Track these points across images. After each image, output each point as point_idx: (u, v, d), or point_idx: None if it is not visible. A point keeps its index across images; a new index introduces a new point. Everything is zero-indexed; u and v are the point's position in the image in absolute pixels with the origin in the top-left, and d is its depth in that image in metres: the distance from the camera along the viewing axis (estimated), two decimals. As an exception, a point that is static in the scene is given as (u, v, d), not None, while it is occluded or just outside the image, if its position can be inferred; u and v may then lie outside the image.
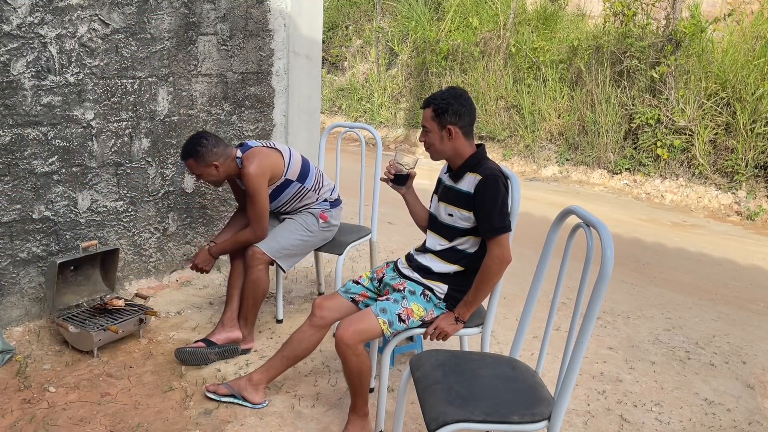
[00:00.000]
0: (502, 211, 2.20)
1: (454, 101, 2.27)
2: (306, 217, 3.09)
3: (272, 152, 2.96)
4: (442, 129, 2.30)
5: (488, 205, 2.20)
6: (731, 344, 3.50)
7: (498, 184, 2.21)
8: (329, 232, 3.17)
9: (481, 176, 2.23)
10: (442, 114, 2.28)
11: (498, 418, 1.76)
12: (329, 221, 3.14)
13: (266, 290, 3.00)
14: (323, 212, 3.11)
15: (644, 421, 2.68)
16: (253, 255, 2.93)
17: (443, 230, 2.36)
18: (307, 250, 3.14)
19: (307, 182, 3.07)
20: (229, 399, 2.57)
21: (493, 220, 2.20)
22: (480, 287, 2.25)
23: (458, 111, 2.28)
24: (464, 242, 2.32)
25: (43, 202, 3.04)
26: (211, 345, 2.91)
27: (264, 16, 3.87)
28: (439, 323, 2.29)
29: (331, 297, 2.50)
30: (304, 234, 3.06)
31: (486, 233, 2.22)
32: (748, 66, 6.73)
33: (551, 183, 7.67)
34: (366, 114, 10.43)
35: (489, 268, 2.22)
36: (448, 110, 2.27)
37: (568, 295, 3.71)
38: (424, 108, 2.34)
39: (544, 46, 8.38)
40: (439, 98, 2.29)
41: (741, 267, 4.99)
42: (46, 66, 2.92)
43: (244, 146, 2.96)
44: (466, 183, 2.29)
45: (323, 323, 2.45)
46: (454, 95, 2.29)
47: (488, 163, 2.30)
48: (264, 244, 2.96)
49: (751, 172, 6.62)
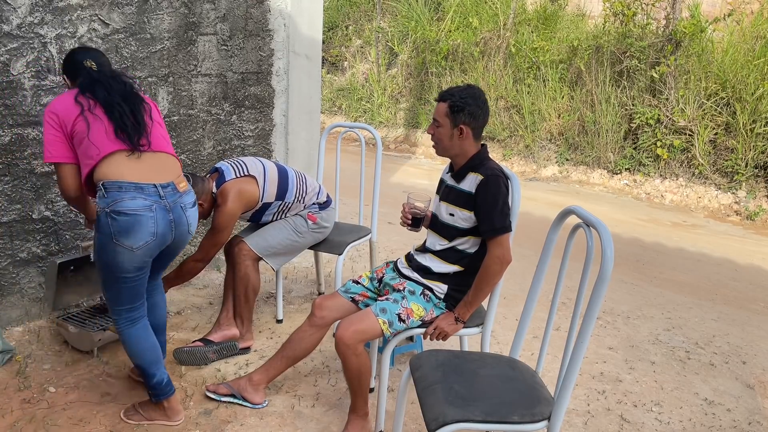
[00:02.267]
0: (503, 211, 2.20)
1: (472, 101, 2.24)
2: (295, 219, 3.09)
3: (246, 183, 2.90)
4: (455, 127, 2.27)
5: (489, 205, 2.20)
6: (731, 344, 3.50)
7: (499, 184, 2.21)
8: (320, 233, 3.16)
9: (483, 176, 2.23)
10: (457, 112, 2.25)
11: (498, 418, 1.76)
12: (319, 222, 3.12)
13: (256, 286, 2.99)
14: (312, 214, 3.10)
15: (644, 421, 2.68)
16: (240, 251, 2.94)
17: (443, 230, 2.36)
18: (296, 250, 3.14)
19: (288, 197, 3.04)
20: (229, 399, 2.57)
21: (493, 220, 2.19)
22: (480, 287, 2.25)
23: (474, 112, 2.25)
24: (464, 242, 2.32)
25: (43, 202, 3.04)
26: (209, 343, 2.91)
27: (264, 16, 3.87)
28: (439, 323, 2.29)
29: (331, 297, 2.50)
30: (293, 235, 3.06)
31: (486, 233, 2.22)
32: (748, 66, 6.73)
33: (551, 183, 7.67)
34: (366, 114, 10.43)
35: (489, 268, 2.22)
36: (465, 109, 2.24)
37: (568, 295, 3.71)
38: (439, 101, 2.30)
39: (544, 46, 8.38)
40: (457, 95, 2.25)
41: (741, 267, 5.00)
42: (46, 66, 2.92)
43: (219, 178, 2.90)
44: (467, 183, 2.29)
45: (323, 323, 2.45)
46: (472, 95, 2.26)
47: (490, 163, 2.30)
48: (251, 241, 2.97)
49: (751, 172, 6.62)
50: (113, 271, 2.20)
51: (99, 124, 2.20)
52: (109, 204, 2.11)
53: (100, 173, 2.17)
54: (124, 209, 2.11)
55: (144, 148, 2.25)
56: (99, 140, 2.19)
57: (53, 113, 2.20)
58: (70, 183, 2.25)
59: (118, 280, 2.22)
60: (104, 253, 2.17)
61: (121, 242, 2.13)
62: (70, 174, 2.24)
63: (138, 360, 2.33)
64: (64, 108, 2.21)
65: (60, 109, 2.21)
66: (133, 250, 2.16)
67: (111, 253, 2.16)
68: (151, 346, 2.35)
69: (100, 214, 2.14)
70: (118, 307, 2.29)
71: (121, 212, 2.11)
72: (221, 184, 2.88)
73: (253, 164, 2.98)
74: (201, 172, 3.73)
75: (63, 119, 2.20)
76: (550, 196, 6.90)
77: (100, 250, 2.19)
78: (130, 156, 2.21)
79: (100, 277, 2.26)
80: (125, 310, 2.30)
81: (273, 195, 3.00)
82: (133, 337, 2.31)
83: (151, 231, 2.16)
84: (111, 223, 2.11)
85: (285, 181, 3.04)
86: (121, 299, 2.28)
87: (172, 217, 2.23)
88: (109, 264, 2.19)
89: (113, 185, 2.13)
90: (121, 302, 2.28)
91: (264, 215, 3.06)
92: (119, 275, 2.21)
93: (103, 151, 2.17)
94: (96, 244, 2.19)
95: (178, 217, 2.26)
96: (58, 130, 2.20)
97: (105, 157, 2.17)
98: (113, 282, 2.23)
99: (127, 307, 2.30)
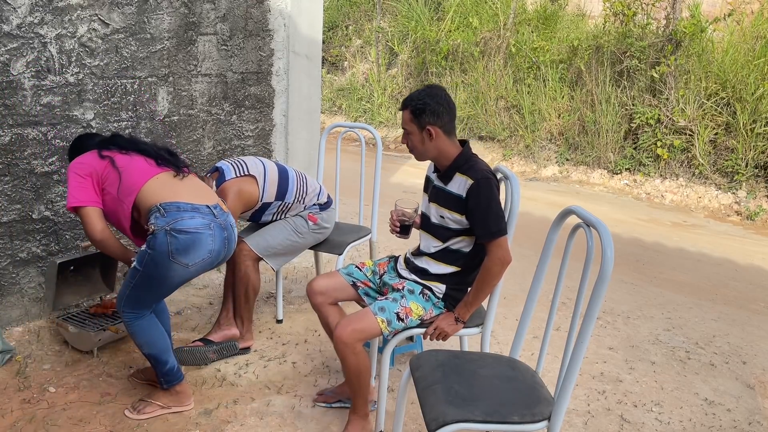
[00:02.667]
0: (497, 214, 2.18)
1: (431, 100, 2.22)
2: (296, 219, 3.09)
3: (245, 183, 2.92)
4: (422, 130, 2.26)
5: (483, 211, 2.18)
6: (731, 344, 3.50)
7: (491, 187, 2.19)
8: (320, 233, 3.16)
9: (473, 179, 2.20)
10: (420, 115, 2.24)
11: (498, 418, 1.76)
12: (319, 223, 3.12)
13: (257, 286, 3.00)
14: (312, 214, 3.10)
15: (644, 421, 2.68)
16: (240, 251, 2.93)
17: (436, 231, 2.35)
18: (297, 250, 3.14)
19: (288, 197, 3.04)
20: (338, 404, 2.60)
21: (489, 225, 2.18)
22: (481, 288, 2.24)
23: (436, 110, 2.23)
24: (458, 242, 2.31)
25: (43, 202, 3.04)
26: (209, 343, 2.91)
27: (264, 16, 3.87)
28: (439, 323, 2.29)
29: (327, 277, 2.51)
30: (293, 235, 3.06)
31: (484, 238, 2.21)
32: (748, 66, 6.73)
33: (551, 183, 7.67)
34: (366, 114, 10.43)
35: (491, 270, 2.21)
36: (426, 110, 2.23)
37: (568, 295, 3.71)
38: (402, 110, 2.30)
39: (544, 46, 8.38)
40: (416, 99, 2.24)
41: (741, 267, 4.99)
42: (46, 66, 2.92)
43: (219, 177, 2.91)
44: (456, 185, 2.26)
45: (327, 302, 2.49)
46: (430, 94, 2.24)
47: (477, 163, 2.27)
48: (251, 241, 2.97)
49: (751, 172, 6.62)
50: (158, 284, 2.31)
51: (138, 158, 2.38)
52: (169, 222, 2.22)
53: (151, 197, 2.29)
54: (185, 228, 2.23)
55: (186, 172, 2.43)
56: (142, 167, 2.35)
57: (79, 164, 2.34)
58: (96, 224, 2.33)
59: (154, 290, 2.33)
60: (155, 267, 2.26)
61: (177, 259, 2.23)
62: (95, 216, 2.33)
63: (150, 349, 2.39)
64: (92, 160, 2.36)
65: (87, 160, 2.35)
66: (188, 267, 2.27)
67: (163, 269, 2.26)
68: (161, 333, 2.42)
69: (158, 233, 2.21)
70: (135, 309, 2.36)
71: (182, 230, 2.22)
72: (221, 183, 2.88)
73: (253, 164, 2.98)
74: (201, 172, 3.73)
75: (93, 167, 2.33)
76: (550, 196, 6.90)
77: (150, 265, 2.26)
78: (176, 178, 2.37)
79: (134, 282, 2.30)
80: (139, 309, 2.37)
81: (273, 195, 3.00)
82: (143, 327, 2.37)
83: (209, 248, 2.29)
84: (171, 241, 2.21)
85: (285, 182, 3.04)
86: (144, 304, 2.36)
87: (227, 235, 2.37)
88: (155, 277, 2.28)
89: (171, 206, 2.25)
90: (141, 306, 2.36)
91: (264, 215, 3.06)
92: (161, 289, 2.33)
93: (150, 174, 2.32)
94: (146, 259, 2.25)
95: (230, 234, 2.40)
96: (86, 177, 2.32)
97: (151, 180, 2.31)
98: (147, 290, 2.32)
99: (143, 311, 2.38)
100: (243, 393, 2.68)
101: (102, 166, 2.34)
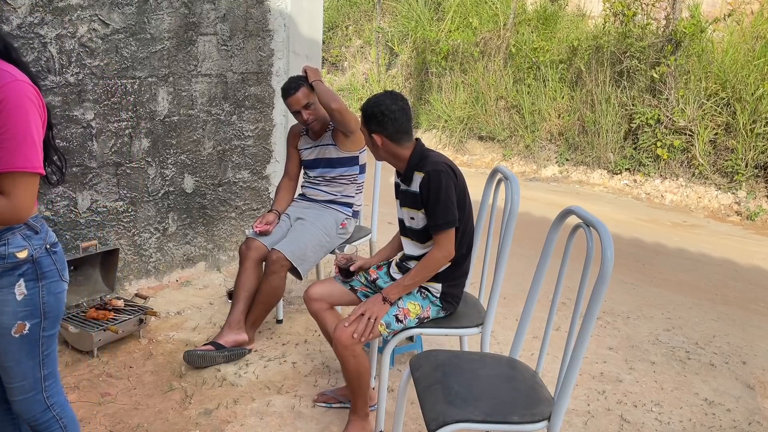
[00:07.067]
0: (446, 205, 2.16)
1: (376, 109, 2.21)
2: (327, 220, 3.11)
3: None
4: (370, 136, 2.28)
5: (432, 201, 2.17)
6: (731, 344, 3.50)
7: (440, 179, 2.16)
8: (341, 238, 3.20)
9: (424, 173, 2.19)
10: (366, 123, 2.26)
11: (498, 418, 1.76)
12: (346, 228, 3.19)
13: (281, 297, 3.03)
14: (344, 221, 3.17)
15: (644, 421, 2.68)
16: (276, 261, 2.91)
17: (414, 235, 2.35)
18: (322, 254, 3.13)
19: (360, 178, 3.23)
20: (339, 405, 2.60)
21: (437, 216, 2.17)
22: (420, 274, 2.24)
23: (381, 121, 2.22)
24: None
25: (43, 202, 3.04)
26: (220, 348, 2.90)
27: (264, 16, 3.87)
28: (369, 306, 2.23)
29: (323, 284, 2.51)
30: (323, 237, 3.07)
31: (432, 229, 2.21)
32: (748, 66, 6.73)
33: (551, 183, 7.67)
34: (366, 114, 10.43)
35: (433, 260, 2.21)
36: (372, 119, 2.23)
37: (568, 295, 3.70)
38: None
39: (544, 46, 8.38)
40: (367, 104, 2.25)
41: (741, 267, 4.99)
42: (46, 66, 2.92)
43: None
44: (415, 183, 2.26)
45: (323, 308, 2.49)
46: (377, 103, 2.23)
47: (431, 157, 2.26)
48: (286, 250, 2.93)
49: (751, 172, 6.62)
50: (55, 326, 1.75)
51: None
52: (45, 239, 1.65)
53: None
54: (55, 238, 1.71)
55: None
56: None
57: None
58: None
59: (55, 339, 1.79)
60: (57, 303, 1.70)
61: (65, 278, 1.72)
62: None
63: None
64: None
65: None
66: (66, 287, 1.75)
67: (61, 298, 1.71)
68: None
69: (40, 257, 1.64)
70: (59, 389, 1.88)
71: (56, 242, 1.70)
72: None
73: None
74: (201, 172, 3.73)
75: None
76: (550, 196, 6.90)
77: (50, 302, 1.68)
78: None
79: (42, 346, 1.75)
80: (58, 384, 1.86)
81: (364, 162, 3.22)
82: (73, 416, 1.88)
83: None
84: (55, 259, 1.68)
85: (364, 169, 3.25)
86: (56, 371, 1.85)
87: None
88: (57, 316, 1.74)
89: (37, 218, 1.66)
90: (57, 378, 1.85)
91: (337, 169, 3.16)
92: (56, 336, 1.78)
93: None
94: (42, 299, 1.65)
95: None
96: None
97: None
98: (53, 342, 1.80)
99: None
100: (243, 393, 2.68)
101: None
